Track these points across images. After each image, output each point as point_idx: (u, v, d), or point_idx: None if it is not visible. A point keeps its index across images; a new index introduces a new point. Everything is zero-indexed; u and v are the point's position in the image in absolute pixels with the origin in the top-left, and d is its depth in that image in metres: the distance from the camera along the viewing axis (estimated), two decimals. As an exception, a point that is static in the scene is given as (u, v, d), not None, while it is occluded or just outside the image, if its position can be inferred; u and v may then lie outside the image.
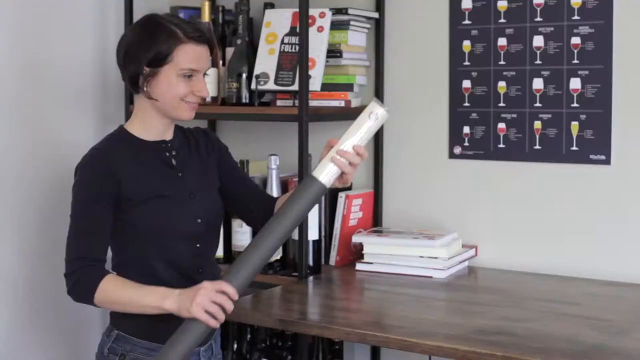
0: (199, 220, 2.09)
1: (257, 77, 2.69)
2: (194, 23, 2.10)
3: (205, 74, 2.09)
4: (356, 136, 1.87)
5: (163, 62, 2.01)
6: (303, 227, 2.51)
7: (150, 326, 2.02)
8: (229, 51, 2.84)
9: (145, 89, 2.03)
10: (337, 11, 2.71)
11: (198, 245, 2.08)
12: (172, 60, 2.01)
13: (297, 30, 2.58)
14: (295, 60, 2.64)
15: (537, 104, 2.61)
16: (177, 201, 2.07)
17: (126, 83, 2.09)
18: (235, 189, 2.24)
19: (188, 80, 2.04)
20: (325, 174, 1.86)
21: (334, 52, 2.71)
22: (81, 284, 1.97)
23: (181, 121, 2.10)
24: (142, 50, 2.01)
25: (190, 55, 2.02)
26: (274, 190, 2.64)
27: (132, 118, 2.13)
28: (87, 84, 2.96)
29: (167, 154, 2.11)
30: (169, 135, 2.13)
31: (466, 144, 2.73)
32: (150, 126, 2.09)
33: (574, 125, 2.56)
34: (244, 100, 2.75)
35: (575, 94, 2.55)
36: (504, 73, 2.66)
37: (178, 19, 2.08)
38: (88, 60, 2.96)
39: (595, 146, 2.53)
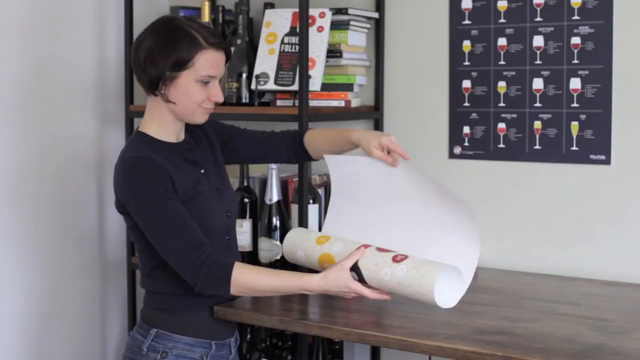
0: (229, 214, 2.17)
1: (257, 77, 2.68)
2: (211, 29, 2.10)
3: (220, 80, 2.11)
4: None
5: (183, 67, 2.02)
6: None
7: (191, 322, 2.09)
8: (229, 51, 2.84)
9: (163, 92, 2.05)
10: (337, 11, 2.71)
11: (228, 237, 2.17)
12: (192, 66, 2.03)
13: (297, 30, 2.58)
14: (295, 60, 2.64)
15: (537, 104, 2.61)
16: (210, 197, 2.11)
17: (143, 85, 2.08)
18: (245, 145, 2.28)
19: (205, 86, 2.06)
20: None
21: (334, 52, 2.71)
22: (213, 276, 1.98)
23: (194, 124, 2.14)
24: (164, 55, 2.02)
25: (209, 61, 2.04)
26: (273, 191, 2.64)
27: (147, 121, 2.12)
28: (88, 84, 2.96)
29: (189, 153, 2.13)
30: (182, 136, 2.16)
31: (466, 144, 2.73)
32: (167, 128, 2.11)
33: (574, 125, 2.56)
34: (244, 100, 2.75)
35: (575, 94, 2.55)
36: (504, 73, 2.66)
37: (197, 23, 2.08)
38: (89, 61, 2.96)
39: (595, 146, 2.53)
